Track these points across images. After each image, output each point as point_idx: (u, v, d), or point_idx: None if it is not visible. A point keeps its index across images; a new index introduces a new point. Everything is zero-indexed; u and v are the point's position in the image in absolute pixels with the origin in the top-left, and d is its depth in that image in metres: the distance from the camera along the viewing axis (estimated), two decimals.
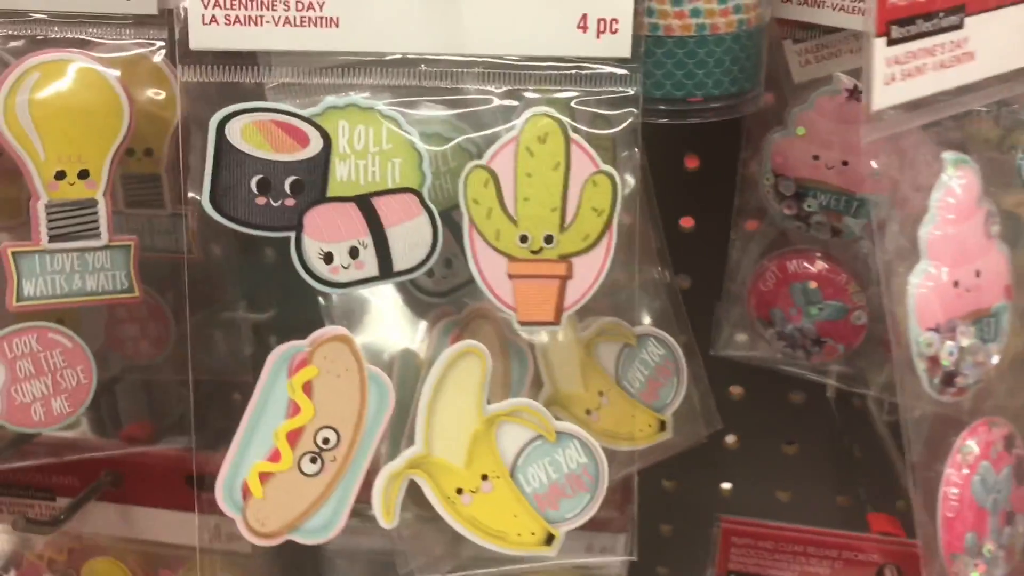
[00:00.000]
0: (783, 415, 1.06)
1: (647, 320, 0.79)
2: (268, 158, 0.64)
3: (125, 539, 0.97)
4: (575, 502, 0.70)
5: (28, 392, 0.76)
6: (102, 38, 0.78)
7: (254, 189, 0.64)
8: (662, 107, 0.70)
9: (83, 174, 0.75)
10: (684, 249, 0.87)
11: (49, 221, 0.74)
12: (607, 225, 0.67)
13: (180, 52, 0.63)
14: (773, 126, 0.84)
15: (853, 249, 0.86)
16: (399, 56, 0.66)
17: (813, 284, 0.86)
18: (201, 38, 0.63)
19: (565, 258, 0.67)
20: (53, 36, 0.76)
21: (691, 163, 0.96)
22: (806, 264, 0.87)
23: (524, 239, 0.67)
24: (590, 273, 0.68)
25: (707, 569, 1.09)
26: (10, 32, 0.75)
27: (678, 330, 0.80)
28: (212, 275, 0.70)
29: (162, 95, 0.81)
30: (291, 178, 0.65)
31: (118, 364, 0.88)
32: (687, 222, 0.98)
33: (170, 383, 0.90)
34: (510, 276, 0.67)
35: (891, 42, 0.56)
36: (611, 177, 0.67)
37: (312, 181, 0.64)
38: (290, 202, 0.65)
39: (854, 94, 0.78)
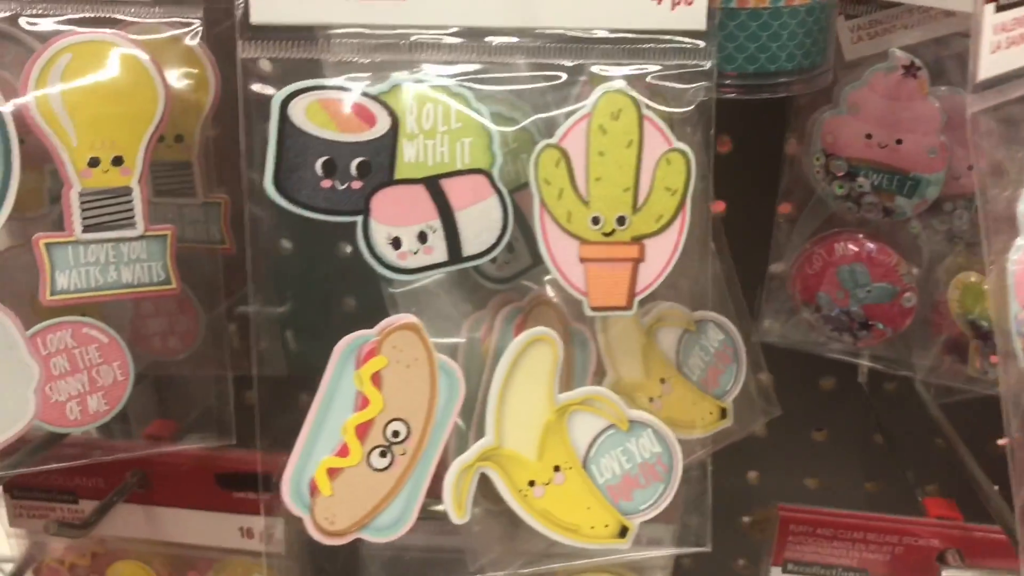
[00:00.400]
0: (812, 401, 1.04)
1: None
2: (334, 139, 0.61)
3: (151, 541, 0.94)
4: (649, 492, 0.68)
5: (63, 390, 0.73)
6: (134, 18, 0.73)
7: (319, 171, 0.60)
8: (729, 81, 0.67)
9: (117, 161, 0.72)
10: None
11: (83, 210, 0.71)
12: (680, 205, 0.65)
13: (240, 27, 0.59)
14: (820, 105, 0.82)
15: (903, 230, 0.84)
16: (464, 30, 0.62)
17: (861, 266, 0.84)
18: (262, 11, 0.60)
19: (637, 240, 0.65)
20: (83, 16, 0.71)
21: (722, 146, 0.93)
22: (854, 246, 0.85)
23: (596, 221, 0.64)
24: (662, 255, 0.66)
25: (736, 558, 1.08)
26: (38, 11, 0.70)
27: (735, 315, 0.78)
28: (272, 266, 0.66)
29: (194, 78, 0.77)
30: (358, 159, 0.62)
31: (143, 360, 0.84)
32: (718, 207, 0.96)
33: (195, 379, 0.86)
34: (582, 260, 0.64)
35: (999, 8, 0.53)
36: (685, 155, 0.64)
37: (379, 162, 0.62)
38: (356, 185, 0.62)
39: (910, 70, 0.76)
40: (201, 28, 0.75)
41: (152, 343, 0.84)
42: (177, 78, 0.75)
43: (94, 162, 0.70)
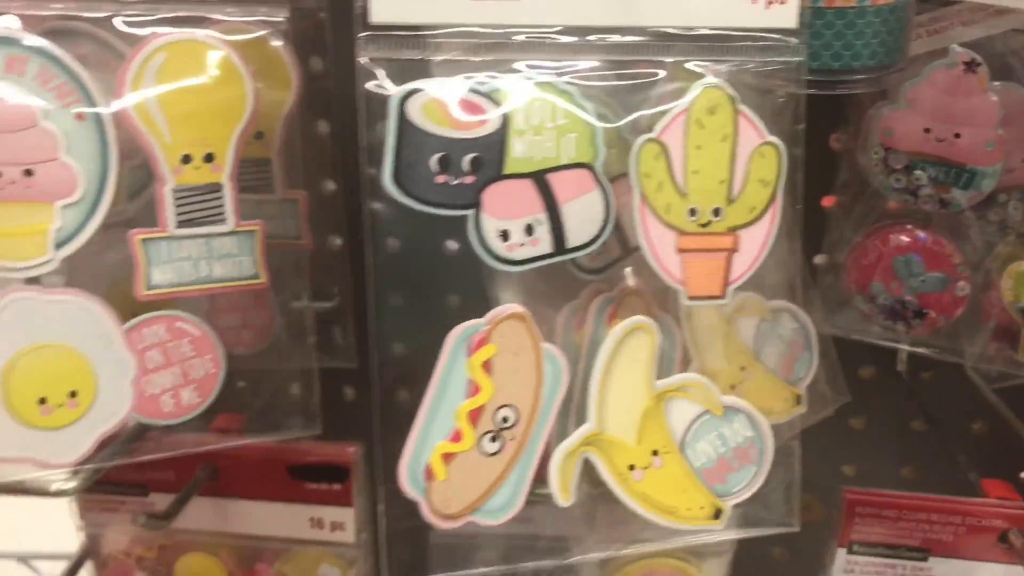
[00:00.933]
0: (851, 390, 1.06)
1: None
2: (448, 135, 0.63)
3: (219, 533, 0.94)
4: (742, 475, 0.71)
5: (158, 383, 0.74)
6: (221, 17, 0.75)
7: (434, 167, 0.62)
8: (812, 78, 0.70)
9: (208, 157, 0.73)
10: None
11: (176, 206, 0.72)
12: (772, 197, 0.67)
13: (359, 27, 0.61)
14: (877, 100, 0.85)
15: (956, 220, 0.87)
16: (568, 28, 0.64)
17: (916, 256, 0.87)
18: (382, 11, 0.62)
19: (732, 231, 0.67)
20: (173, 15, 0.73)
21: None
22: (909, 236, 0.88)
23: (693, 212, 0.67)
24: (755, 246, 0.68)
25: (771, 546, 1.10)
26: (133, 11, 0.71)
27: (806, 304, 0.80)
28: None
29: (277, 76, 0.79)
30: (470, 155, 0.64)
31: None
32: None
33: (270, 372, 0.88)
34: (679, 250, 0.67)
35: None
36: (777, 148, 0.67)
37: (490, 158, 0.64)
38: (469, 180, 0.64)
39: (971, 66, 0.79)
40: (286, 27, 0.76)
41: (226, 337, 0.85)
42: (260, 76, 0.76)
43: (186, 159, 0.72)
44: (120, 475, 0.91)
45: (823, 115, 0.89)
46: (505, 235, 0.64)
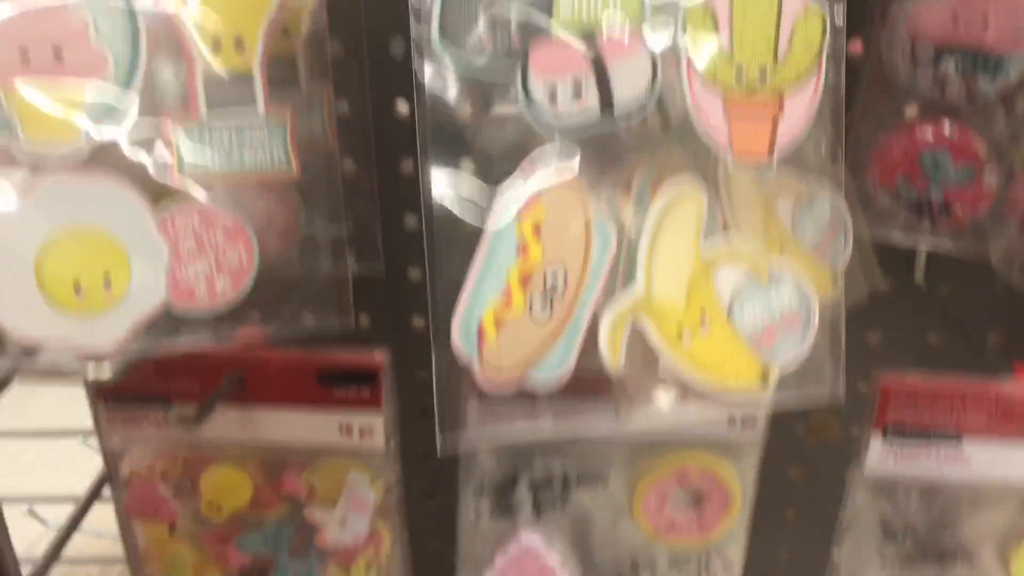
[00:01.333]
0: (867, 303, 1.06)
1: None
2: None
3: (244, 443, 0.93)
4: (788, 341, 0.70)
5: (191, 271, 0.73)
6: None
7: (482, 26, 0.62)
8: None
9: (238, 43, 0.72)
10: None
11: (207, 92, 0.71)
12: (817, 59, 0.67)
13: None
14: None
15: (984, 113, 0.87)
16: None
17: (943, 149, 0.86)
18: None
19: (777, 93, 0.67)
20: None
21: None
22: (935, 130, 0.87)
23: (739, 73, 0.66)
24: (800, 110, 0.68)
25: (790, 465, 1.10)
26: None
27: (838, 188, 0.80)
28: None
29: None
30: (518, 14, 0.63)
31: None
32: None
33: (289, 277, 0.86)
34: (725, 114, 0.66)
35: None
36: (821, 10, 0.66)
37: (538, 16, 0.63)
38: (516, 39, 0.63)
39: None
40: None
41: None
42: None
43: (216, 45, 0.70)
44: (143, 385, 0.90)
45: None
46: (552, 96, 0.63)
